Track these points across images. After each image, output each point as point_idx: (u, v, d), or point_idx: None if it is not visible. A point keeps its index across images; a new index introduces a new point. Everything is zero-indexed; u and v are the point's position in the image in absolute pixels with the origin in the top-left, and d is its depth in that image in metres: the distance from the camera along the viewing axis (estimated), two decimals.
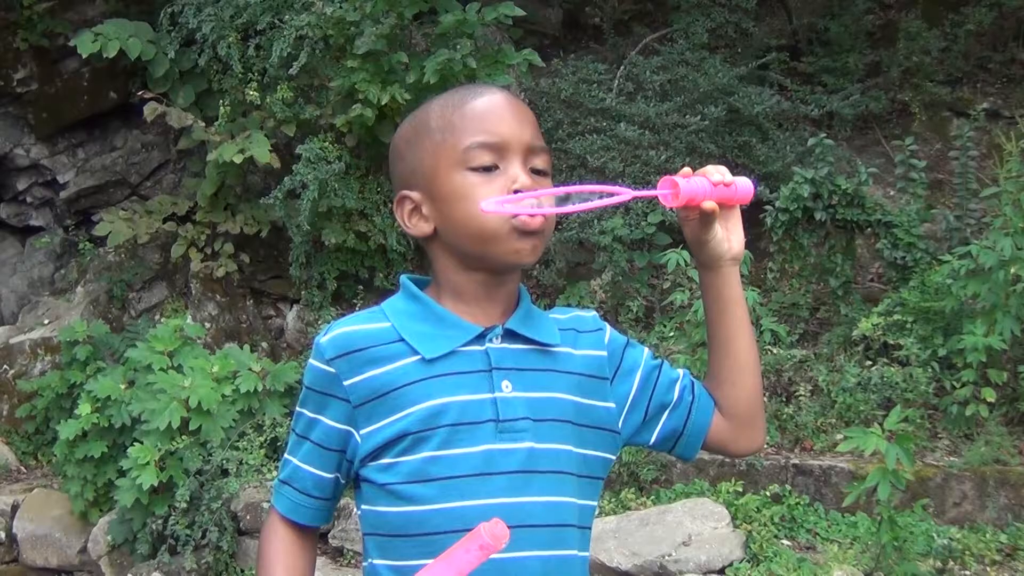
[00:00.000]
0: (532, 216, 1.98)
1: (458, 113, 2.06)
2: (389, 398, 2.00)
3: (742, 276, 2.16)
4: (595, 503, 2.15)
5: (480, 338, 2.05)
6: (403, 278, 2.15)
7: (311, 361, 2.09)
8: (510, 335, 2.07)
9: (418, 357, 2.02)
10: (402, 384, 2.00)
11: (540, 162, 2.06)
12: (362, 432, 2.03)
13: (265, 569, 2.14)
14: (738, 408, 2.17)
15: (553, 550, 2.01)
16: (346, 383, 2.03)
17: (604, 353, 2.15)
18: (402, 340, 2.03)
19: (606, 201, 2.01)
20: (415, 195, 2.09)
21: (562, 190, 2.01)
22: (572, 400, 2.08)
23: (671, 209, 2.03)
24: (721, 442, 2.20)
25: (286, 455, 2.15)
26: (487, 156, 2.01)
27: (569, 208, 2.05)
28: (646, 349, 2.22)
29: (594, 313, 2.23)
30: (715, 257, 2.07)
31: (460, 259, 2.07)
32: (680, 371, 2.21)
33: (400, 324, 2.05)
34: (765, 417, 2.26)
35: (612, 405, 2.13)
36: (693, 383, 2.20)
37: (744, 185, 2.07)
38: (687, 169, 2.02)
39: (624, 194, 2.00)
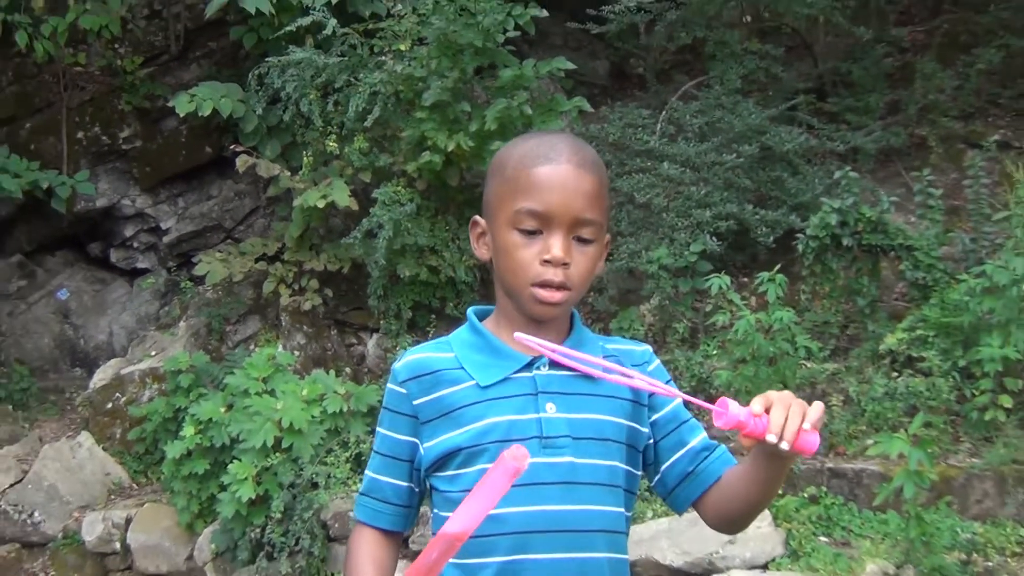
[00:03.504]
0: (551, 294, 2.05)
1: (525, 173, 2.09)
2: (449, 417, 2.08)
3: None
4: (631, 513, 2.19)
5: (529, 366, 2.11)
6: (469, 311, 2.23)
7: (388, 384, 2.18)
8: (556, 363, 2.09)
9: (474, 382, 2.09)
10: (460, 405, 2.08)
11: (587, 232, 2.09)
12: (425, 445, 2.11)
13: (351, 563, 2.20)
14: (727, 511, 2.17)
15: (593, 552, 2.07)
16: (415, 402, 2.12)
17: None
18: (462, 368, 2.11)
19: (647, 387, 1.99)
20: (483, 223, 2.19)
21: (629, 374, 1.99)
22: (614, 421, 2.13)
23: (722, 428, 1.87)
24: (702, 516, 2.23)
25: (366, 471, 2.23)
26: (532, 222, 2.07)
27: (591, 370, 2.04)
28: (680, 398, 2.20)
29: (646, 347, 2.27)
30: (766, 452, 1.96)
31: (506, 290, 2.16)
32: (700, 436, 2.21)
33: (462, 354, 2.14)
34: (748, 525, 2.29)
35: (646, 430, 2.19)
36: (705, 456, 2.19)
37: (809, 443, 1.84)
38: (759, 406, 1.84)
39: (661, 389, 2.01)
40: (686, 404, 2.24)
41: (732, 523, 2.22)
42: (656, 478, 2.22)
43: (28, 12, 9.89)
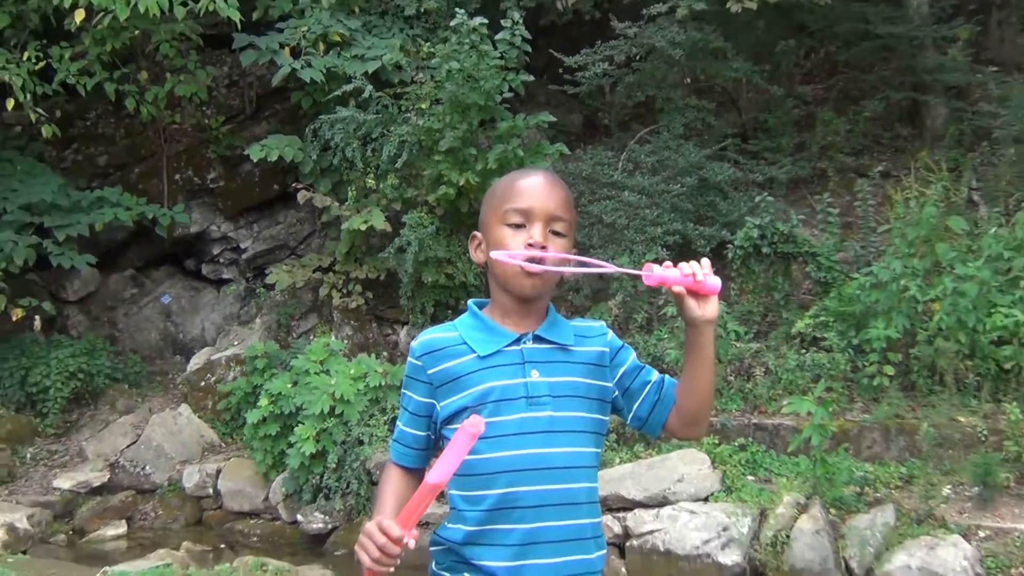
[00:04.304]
0: (534, 267, 2.07)
1: (509, 187, 2.15)
2: (456, 382, 2.11)
3: None
4: (600, 450, 2.20)
5: (517, 341, 2.13)
6: (470, 302, 2.24)
7: (408, 359, 2.20)
8: (538, 339, 2.14)
9: (475, 355, 2.11)
10: (464, 373, 2.10)
11: (559, 226, 2.12)
12: (441, 404, 2.13)
13: (380, 494, 2.24)
14: (688, 413, 2.18)
15: (570, 483, 2.09)
16: (429, 372, 2.14)
17: (606, 349, 2.20)
18: (465, 343, 2.13)
19: (597, 270, 2.09)
20: (479, 235, 2.21)
21: (570, 258, 2.10)
22: (584, 382, 2.15)
23: (650, 286, 2.03)
24: (673, 431, 2.22)
25: (397, 423, 2.24)
26: (517, 217, 2.11)
27: (566, 269, 2.11)
28: (633, 354, 2.26)
29: (602, 323, 2.28)
30: (689, 320, 2.05)
31: (498, 283, 2.17)
32: (655, 375, 2.23)
33: (464, 333, 2.15)
34: (707, 421, 2.27)
35: (609, 384, 2.19)
36: (662, 387, 2.21)
37: (712, 281, 2.02)
38: (669, 263, 2.02)
39: (610, 268, 2.10)
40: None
41: (694, 421, 2.21)
42: (630, 415, 2.22)
43: (135, 82, 9.94)
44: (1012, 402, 6.55)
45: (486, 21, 8.49)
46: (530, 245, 2.09)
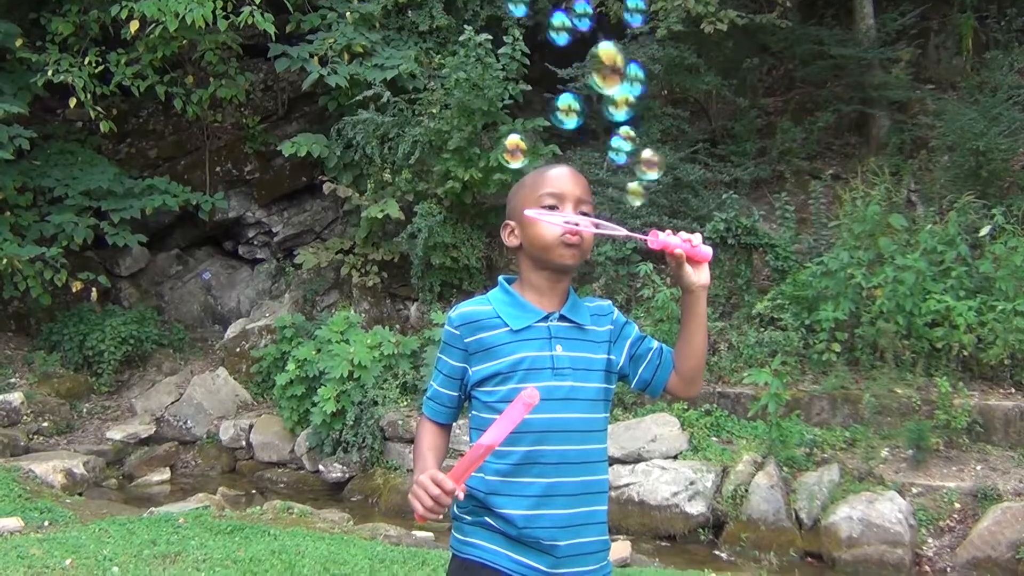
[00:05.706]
0: (573, 234, 2.06)
1: (540, 177, 2.13)
2: (490, 351, 2.08)
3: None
4: (608, 415, 2.18)
5: (545, 319, 2.10)
6: (500, 278, 2.21)
7: (446, 327, 2.16)
8: (563, 318, 2.11)
9: (508, 328, 2.08)
10: (498, 344, 2.08)
11: (585, 208, 2.11)
12: (473, 369, 2.10)
13: (418, 446, 2.20)
14: (686, 372, 2.16)
15: (585, 444, 2.08)
16: (465, 340, 2.11)
17: (612, 327, 2.18)
18: (499, 317, 2.10)
19: (614, 233, 2.07)
20: (512, 223, 2.17)
21: (589, 220, 2.08)
22: (600, 357, 2.13)
23: (653, 249, 2.03)
24: (674, 390, 2.20)
25: (431, 382, 2.21)
26: (551, 200, 2.09)
27: (588, 229, 2.07)
28: (636, 327, 2.24)
29: (609, 303, 2.26)
30: (684, 286, 2.07)
31: (533, 262, 2.13)
32: (656, 344, 2.21)
33: (498, 308, 2.12)
34: (702, 379, 2.26)
35: (614, 358, 2.17)
36: (662, 353, 2.19)
37: (705, 248, 2.04)
38: (669, 231, 2.04)
39: (621, 231, 2.08)
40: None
41: (691, 380, 2.19)
42: (635, 379, 2.20)
43: (183, 85, 9.88)
44: (942, 376, 6.55)
45: (490, 37, 8.44)
46: (565, 223, 2.08)
